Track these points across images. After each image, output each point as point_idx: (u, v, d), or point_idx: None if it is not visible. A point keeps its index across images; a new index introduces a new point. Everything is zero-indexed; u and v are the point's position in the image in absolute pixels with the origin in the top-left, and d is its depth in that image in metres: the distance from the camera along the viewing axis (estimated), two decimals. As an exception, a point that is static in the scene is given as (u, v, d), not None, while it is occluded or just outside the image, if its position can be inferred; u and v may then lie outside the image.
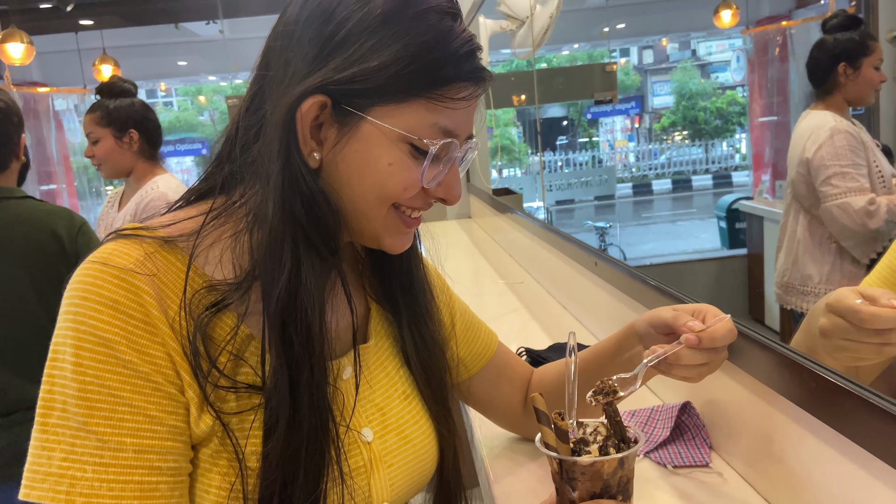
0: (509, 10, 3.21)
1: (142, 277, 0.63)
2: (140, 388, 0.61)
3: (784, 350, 0.77)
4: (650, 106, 19.93)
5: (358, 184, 0.68)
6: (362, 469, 0.74)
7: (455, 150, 0.70)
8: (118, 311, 0.61)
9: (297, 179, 0.66)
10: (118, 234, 0.66)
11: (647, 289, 1.19)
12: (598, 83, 5.53)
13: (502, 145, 13.39)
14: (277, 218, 0.66)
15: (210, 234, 0.69)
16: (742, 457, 0.91)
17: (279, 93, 0.67)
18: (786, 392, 0.77)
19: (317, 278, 0.67)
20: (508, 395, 0.99)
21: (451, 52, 0.67)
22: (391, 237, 0.73)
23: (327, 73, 0.65)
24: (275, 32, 0.70)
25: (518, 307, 1.92)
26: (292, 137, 0.66)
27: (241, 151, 0.70)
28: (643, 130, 19.52)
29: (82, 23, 7.96)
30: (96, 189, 9.41)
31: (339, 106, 0.66)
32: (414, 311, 0.84)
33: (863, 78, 2.11)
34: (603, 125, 19.54)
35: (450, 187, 0.72)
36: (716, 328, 0.76)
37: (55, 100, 8.62)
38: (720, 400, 0.96)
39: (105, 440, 0.60)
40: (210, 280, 0.67)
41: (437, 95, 0.67)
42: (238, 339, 0.67)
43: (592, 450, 0.72)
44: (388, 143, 0.67)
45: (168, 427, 0.63)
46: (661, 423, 1.02)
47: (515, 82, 5.27)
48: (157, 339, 0.62)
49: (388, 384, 0.81)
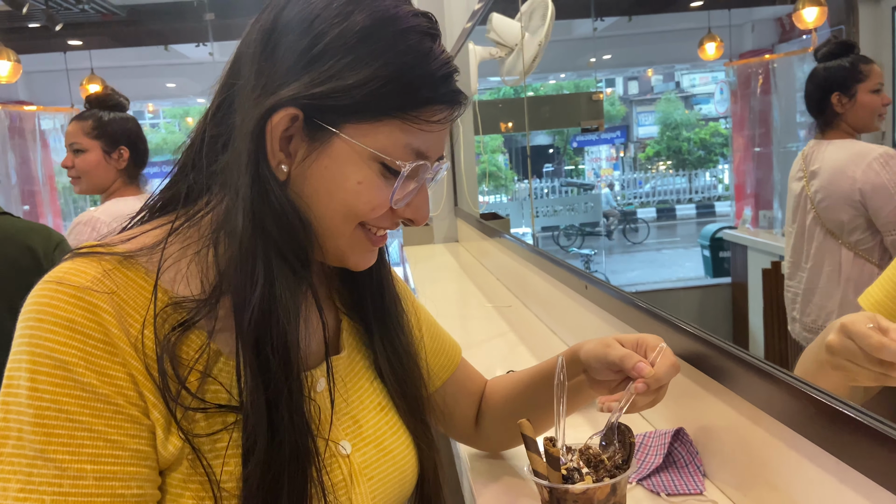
0: (499, 37, 3.23)
1: (100, 295, 0.60)
2: (100, 411, 0.58)
3: (781, 374, 0.76)
4: (635, 135, 20.17)
5: (326, 201, 0.67)
6: (342, 483, 0.72)
7: (426, 172, 0.69)
8: (75, 331, 0.58)
9: (266, 192, 0.64)
10: (74, 254, 0.64)
11: (637, 312, 1.18)
12: (584, 111, 5.59)
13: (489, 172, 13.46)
14: (248, 232, 0.64)
15: (173, 248, 0.66)
16: (737, 484, 0.89)
17: (250, 102, 0.65)
18: (783, 417, 0.76)
19: (292, 294, 0.65)
20: (465, 408, 0.98)
21: (428, 73, 0.66)
22: (356, 255, 0.72)
23: (301, 87, 0.63)
24: (247, 39, 0.68)
25: (506, 330, 1.90)
26: (261, 149, 0.64)
27: (206, 161, 0.68)
28: (628, 159, 19.73)
29: (71, 43, 7.96)
30: (81, 209, 9.33)
31: (311, 120, 0.65)
32: (386, 324, 0.82)
33: (860, 105, 2.01)
34: (589, 153, 19.72)
35: (418, 208, 0.71)
36: (659, 368, 0.76)
37: (42, 119, 8.58)
38: (714, 426, 0.94)
39: (64, 468, 0.57)
40: (174, 296, 0.65)
41: (411, 117, 0.66)
42: (206, 357, 0.64)
43: (585, 478, 0.70)
44: (359, 161, 0.65)
45: (131, 452, 0.59)
46: (653, 450, 1.00)
47: (503, 109, 5.32)
48: (118, 359, 0.59)
49: (363, 396, 0.79)
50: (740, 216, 6.72)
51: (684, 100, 19.04)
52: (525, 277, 2.13)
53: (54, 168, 8.82)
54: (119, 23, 7.47)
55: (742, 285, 4.53)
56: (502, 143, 16.99)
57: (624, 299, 1.25)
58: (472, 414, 0.99)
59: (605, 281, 1.46)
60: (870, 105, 2.01)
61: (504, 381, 0.99)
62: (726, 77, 7.80)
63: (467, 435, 1.01)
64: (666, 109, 17.99)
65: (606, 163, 19.95)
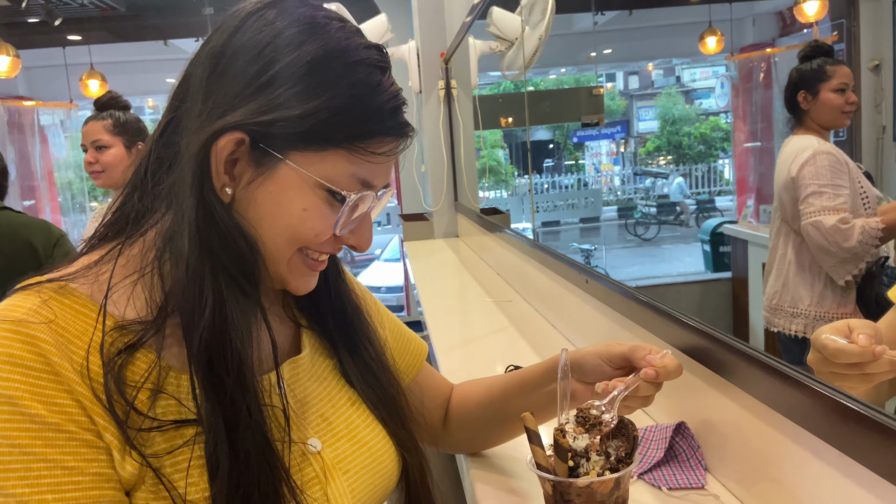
0: (499, 31, 3.22)
1: (36, 326, 0.60)
2: (53, 440, 0.58)
3: (783, 368, 0.75)
4: (635, 130, 20.14)
5: (270, 226, 0.67)
6: (315, 480, 0.71)
7: (370, 201, 0.70)
8: (16, 364, 0.58)
9: (212, 214, 0.64)
10: (12, 291, 0.64)
11: (638, 306, 1.17)
12: (585, 106, 5.57)
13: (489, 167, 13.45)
14: (195, 255, 0.64)
15: (115, 271, 0.66)
16: (739, 479, 0.89)
17: (196, 125, 0.65)
18: (785, 410, 0.75)
19: (243, 314, 0.65)
20: (432, 411, 0.98)
21: (377, 106, 0.66)
22: (295, 279, 0.72)
23: (249, 113, 0.63)
24: (196, 59, 0.68)
25: (506, 325, 1.90)
26: (206, 171, 0.64)
27: (152, 183, 0.68)
28: (628, 154, 19.70)
29: (70, 38, 7.93)
30: (80, 205, 9.32)
31: (258, 145, 0.65)
32: (350, 337, 0.83)
33: (822, 103, 2.18)
34: (589, 149, 19.69)
35: (361, 236, 0.72)
36: (668, 361, 0.79)
37: (41, 114, 8.56)
38: (716, 420, 0.94)
39: (25, 501, 0.56)
40: (119, 320, 0.64)
41: (359, 148, 0.66)
42: (154, 374, 0.64)
43: (589, 471, 0.70)
44: (305, 188, 0.66)
45: (91, 476, 0.59)
46: (654, 444, 0.99)
47: (503, 104, 5.30)
48: (63, 386, 0.59)
49: (332, 393, 0.79)
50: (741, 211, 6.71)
51: (685, 94, 19.00)
52: (525, 272, 2.13)
53: (53, 163, 8.81)
54: (118, 18, 7.45)
55: (742, 280, 4.53)
56: (502, 138, 16.96)
57: (625, 293, 1.25)
58: (438, 417, 0.99)
59: (606, 275, 1.46)
60: (830, 103, 2.17)
61: (476, 387, 1.00)
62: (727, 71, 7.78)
63: (432, 436, 1.01)
64: (666, 104, 17.96)
65: (607, 158, 19.92)
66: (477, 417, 0.97)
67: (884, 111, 5.17)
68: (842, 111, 2.17)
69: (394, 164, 0.72)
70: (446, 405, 1.00)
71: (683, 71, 19.34)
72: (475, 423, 0.98)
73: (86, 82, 7.38)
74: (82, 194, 9.46)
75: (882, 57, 5.17)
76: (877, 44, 5.22)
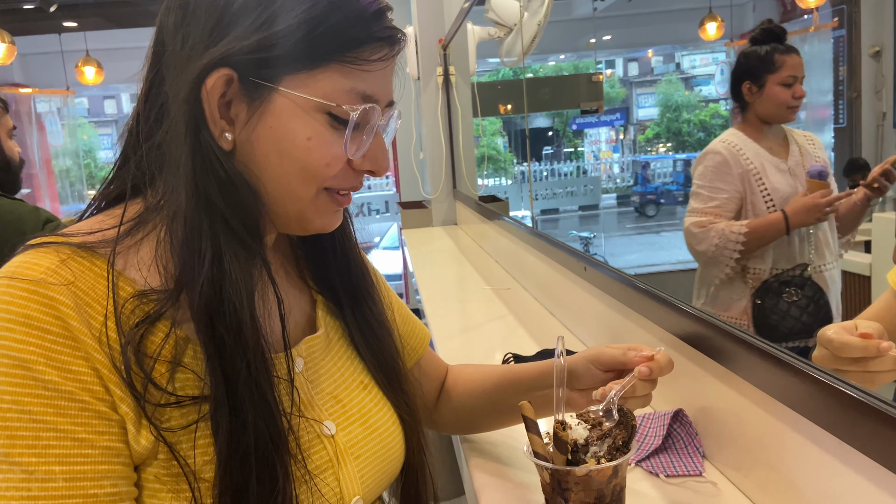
0: (497, 17, 3.20)
1: (56, 287, 0.57)
2: (65, 409, 0.56)
3: (782, 354, 0.75)
4: (635, 118, 20.08)
5: (277, 162, 0.64)
6: (328, 464, 0.70)
7: (377, 117, 0.66)
8: (32, 326, 0.56)
9: (210, 163, 0.62)
10: (27, 246, 0.61)
11: (637, 294, 1.17)
12: (584, 93, 5.56)
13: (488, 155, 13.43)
14: (192, 206, 0.61)
15: (132, 237, 0.64)
16: (737, 466, 0.88)
17: (179, 69, 0.62)
18: (783, 398, 0.75)
19: (242, 268, 0.62)
20: (428, 393, 0.97)
21: (357, 12, 0.63)
22: (320, 217, 0.69)
23: (229, 44, 0.61)
24: (166, 8, 0.65)
25: (505, 313, 1.89)
26: (200, 118, 0.62)
27: (144, 140, 0.65)
28: (628, 142, 19.65)
29: (66, 24, 7.88)
30: (79, 193, 9.29)
31: (247, 79, 0.62)
32: (354, 296, 0.81)
33: (767, 96, 1.94)
34: (588, 136, 19.65)
35: (376, 158, 0.68)
36: (661, 358, 0.79)
37: (37, 102, 8.52)
38: (714, 407, 0.94)
39: (31, 471, 0.54)
40: (138, 287, 0.62)
41: (349, 58, 0.63)
42: (172, 344, 0.61)
43: (587, 459, 0.69)
44: (305, 114, 0.63)
45: (101, 449, 0.57)
46: (652, 431, 0.99)
47: (502, 91, 5.28)
48: (80, 352, 0.57)
49: (345, 374, 0.78)
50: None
51: (684, 81, 18.94)
52: (524, 259, 2.12)
53: (51, 151, 8.78)
54: (114, 4, 7.40)
55: (741, 267, 4.52)
56: (501, 127, 16.91)
57: (623, 280, 1.24)
58: (433, 398, 0.99)
59: (605, 262, 1.45)
60: (776, 97, 1.94)
61: (471, 375, 0.99)
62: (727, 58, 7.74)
63: (426, 416, 1.00)
64: (666, 91, 17.90)
65: (606, 145, 19.88)
66: (468, 405, 0.97)
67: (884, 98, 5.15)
68: (787, 106, 1.94)
69: (392, 76, 0.68)
70: (441, 386, 1.00)
71: (683, 58, 19.27)
72: (466, 409, 0.98)
73: (81, 69, 7.34)
74: (80, 182, 9.44)
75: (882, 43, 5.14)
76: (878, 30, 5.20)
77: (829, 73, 5.57)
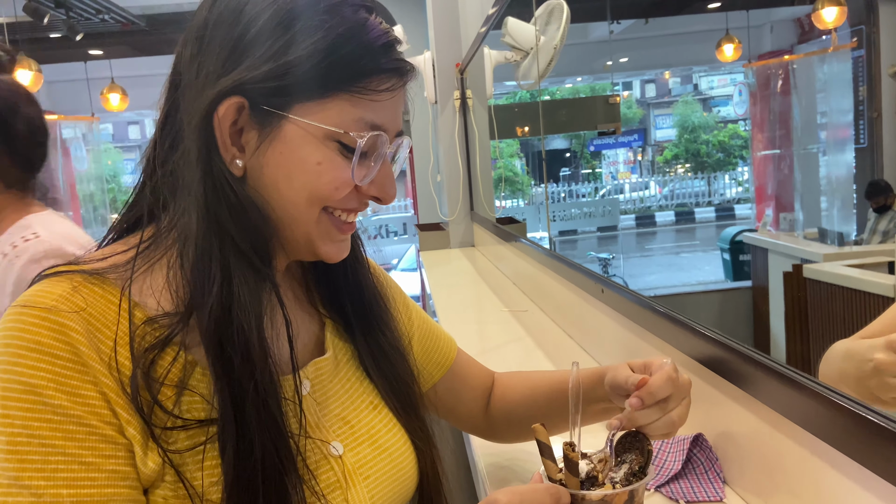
0: (514, 41, 3.23)
1: (67, 315, 0.59)
2: (73, 433, 0.57)
3: (803, 379, 0.74)
4: (653, 139, 20.05)
5: (287, 187, 0.65)
6: (336, 484, 0.70)
7: (384, 145, 0.68)
8: (42, 353, 0.57)
9: (221, 188, 0.63)
10: (41, 276, 0.63)
11: (655, 316, 1.16)
12: (601, 115, 5.56)
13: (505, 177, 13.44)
14: (203, 230, 0.62)
15: (145, 260, 0.65)
16: (758, 491, 0.87)
17: (193, 97, 0.64)
18: (805, 423, 0.74)
19: (251, 290, 0.63)
20: (470, 402, 0.97)
21: (367, 43, 0.65)
22: (325, 244, 0.70)
23: (241, 73, 0.62)
24: (183, 41, 0.67)
25: (522, 335, 1.89)
26: (212, 144, 0.63)
27: (160, 168, 0.67)
28: (646, 163, 19.60)
29: (91, 52, 8.07)
30: (102, 217, 9.44)
31: (258, 107, 0.64)
32: (367, 322, 0.81)
33: None
34: (606, 157, 19.63)
35: (383, 185, 0.70)
36: (653, 383, 0.74)
37: (63, 128, 8.70)
38: (734, 432, 0.93)
39: (39, 494, 0.55)
40: (148, 313, 0.63)
41: (358, 88, 0.65)
42: (180, 367, 0.63)
43: (603, 482, 0.69)
44: (315, 141, 0.65)
45: (107, 473, 0.58)
46: (672, 456, 0.98)
47: (519, 113, 5.30)
48: (89, 377, 0.58)
49: (353, 396, 0.78)
50: (761, 219, 6.65)
51: (702, 102, 18.90)
52: (541, 281, 2.12)
53: (76, 176, 8.93)
54: (138, 32, 7.57)
55: (763, 289, 4.47)
56: (518, 149, 16.96)
57: (641, 303, 1.23)
58: (479, 407, 0.98)
59: (623, 284, 1.45)
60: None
61: (521, 381, 0.98)
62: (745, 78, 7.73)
63: (475, 427, 1.00)
64: (684, 112, 17.87)
65: (624, 166, 19.84)
66: (521, 413, 0.96)
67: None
68: None
69: (402, 107, 0.70)
70: (488, 395, 0.99)
71: (701, 79, 19.25)
72: (520, 417, 0.96)
73: (107, 96, 7.50)
74: (104, 206, 9.59)
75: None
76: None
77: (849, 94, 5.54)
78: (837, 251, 3.82)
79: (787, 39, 7.15)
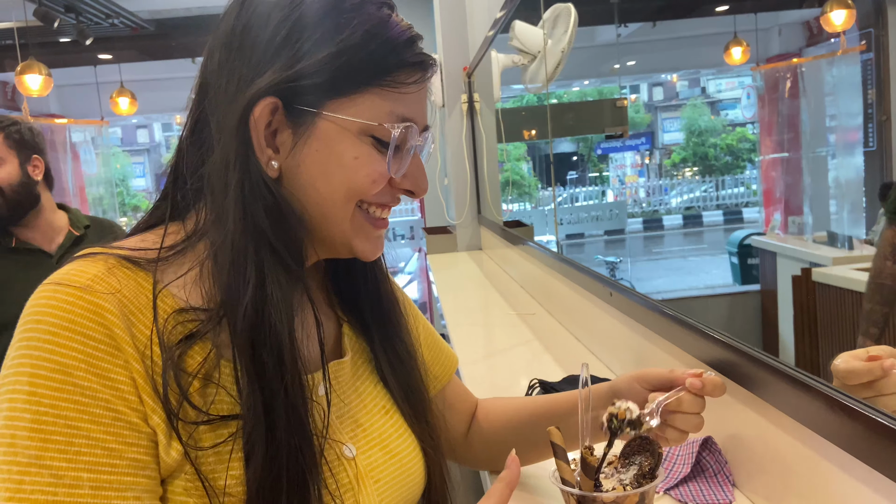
0: (521, 45, 3.23)
1: (102, 295, 0.59)
2: (100, 417, 0.57)
3: (813, 382, 0.74)
4: (660, 142, 20.01)
5: (324, 184, 0.66)
6: (348, 486, 0.71)
7: (415, 137, 0.69)
8: (76, 332, 0.57)
9: (258, 189, 0.64)
10: (75, 256, 0.63)
11: (664, 320, 1.16)
12: (608, 118, 5.55)
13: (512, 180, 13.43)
14: (239, 231, 0.63)
15: (176, 258, 0.66)
16: (767, 494, 0.87)
17: (227, 102, 0.65)
18: (814, 426, 0.74)
19: (284, 292, 0.64)
20: (453, 425, 0.97)
21: (392, 38, 0.66)
22: (361, 241, 0.71)
23: (274, 75, 0.64)
24: (210, 49, 0.68)
25: (530, 338, 1.89)
26: (248, 146, 0.64)
27: (190, 175, 0.68)
28: (653, 166, 19.57)
29: (101, 57, 8.12)
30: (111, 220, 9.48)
31: (292, 107, 0.65)
32: (385, 327, 0.82)
33: None
34: (613, 161, 19.61)
35: (416, 178, 0.72)
36: (711, 378, 0.77)
37: (72, 132, 8.76)
38: (743, 435, 0.92)
39: (60, 475, 0.55)
40: (180, 304, 0.64)
41: (387, 82, 0.66)
42: (210, 364, 0.63)
43: (614, 485, 0.69)
44: (350, 136, 0.66)
45: (128, 461, 0.58)
46: (681, 459, 0.98)
47: (526, 117, 5.30)
48: (120, 360, 0.58)
49: (366, 399, 0.79)
50: (769, 222, 6.63)
51: (710, 105, 18.86)
52: (549, 284, 2.12)
53: (85, 179, 8.99)
54: (148, 37, 7.61)
55: (772, 293, 4.46)
56: (526, 152, 16.96)
57: (649, 306, 1.23)
58: (461, 430, 0.98)
59: (631, 288, 1.45)
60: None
61: (503, 407, 0.99)
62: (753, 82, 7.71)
63: (452, 449, 0.99)
64: (691, 115, 17.84)
65: (631, 170, 19.81)
66: (501, 438, 0.97)
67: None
68: None
69: (427, 101, 0.72)
70: (470, 420, 0.99)
71: (709, 82, 19.21)
72: (499, 443, 0.97)
73: (116, 100, 7.54)
74: (113, 209, 9.64)
75: (911, 65, 5.08)
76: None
77: (858, 97, 5.51)
78: (847, 255, 3.80)
79: (796, 42, 7.13)
